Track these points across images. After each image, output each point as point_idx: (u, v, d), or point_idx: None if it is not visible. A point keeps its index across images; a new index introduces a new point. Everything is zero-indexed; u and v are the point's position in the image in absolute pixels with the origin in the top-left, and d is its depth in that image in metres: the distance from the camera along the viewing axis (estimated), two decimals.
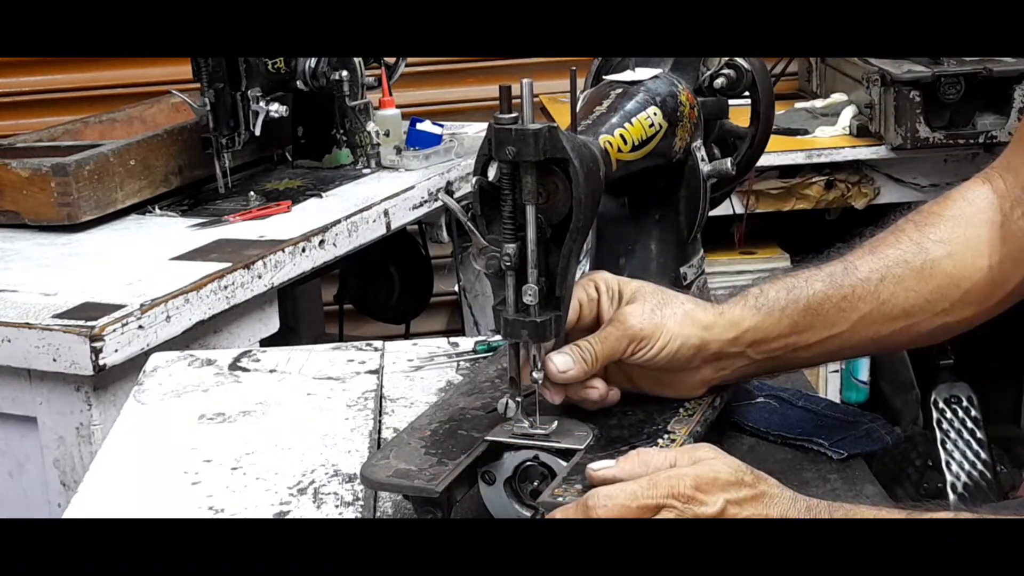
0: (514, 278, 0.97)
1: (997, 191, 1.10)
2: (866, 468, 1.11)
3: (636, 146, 1.13)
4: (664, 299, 1.06)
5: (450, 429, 1.05)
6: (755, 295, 1.07)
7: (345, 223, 2.13)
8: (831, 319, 1.06)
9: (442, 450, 1.01)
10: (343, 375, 1.37)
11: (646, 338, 1.03)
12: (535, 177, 0.95)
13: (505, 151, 0.94)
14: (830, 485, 1.07)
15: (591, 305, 1.07)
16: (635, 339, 1.03)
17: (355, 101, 2.46)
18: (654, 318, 1.04)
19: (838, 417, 1.18)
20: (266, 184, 2.39)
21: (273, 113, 2.32)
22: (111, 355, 1.64)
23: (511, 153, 0.94)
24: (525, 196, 0.95)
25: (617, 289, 1.07)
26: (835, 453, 1.11)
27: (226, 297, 1.84)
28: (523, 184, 0.95)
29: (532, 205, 0.95)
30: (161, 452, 1.19)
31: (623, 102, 1.14)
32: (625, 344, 1.03)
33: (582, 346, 1.02)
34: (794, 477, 1.08)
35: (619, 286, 1.07)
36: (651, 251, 1.26)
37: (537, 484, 0.99)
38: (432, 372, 1.38)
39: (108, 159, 2.16)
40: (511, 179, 0.95)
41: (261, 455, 1.18)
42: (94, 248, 2.05)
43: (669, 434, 1.02)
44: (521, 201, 0.95)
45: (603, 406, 1.05)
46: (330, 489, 1.10)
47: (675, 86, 1.20)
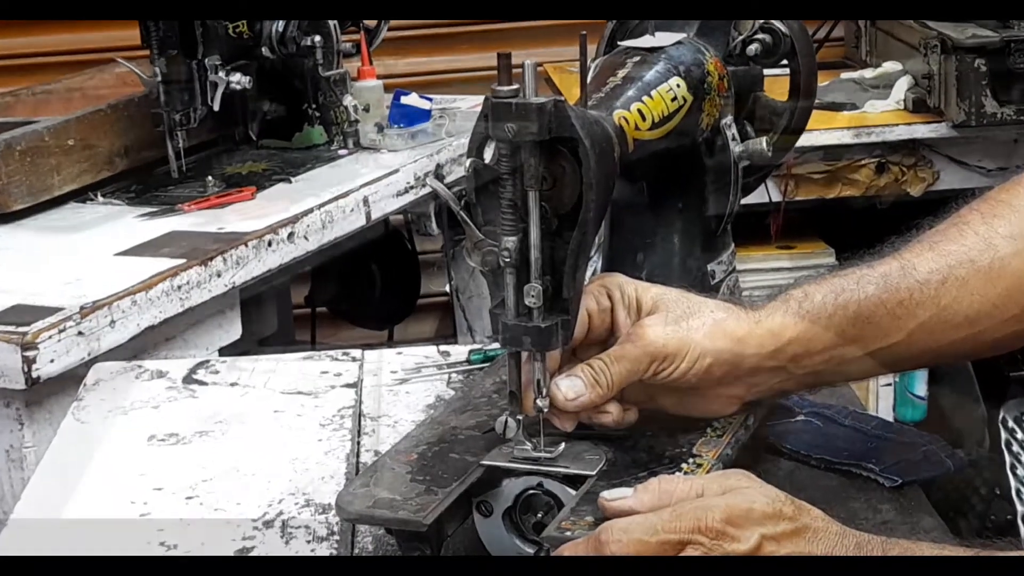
0: (514, 276, 0.97)
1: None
2: (924, 497, 1.11)
3: (656, 123, 1.13)
4: (690, 308, 1.06)
5: (440, 452, 1.05)
6: (798, 299, 1.07)
7: (318, 213, 2.13)
8: (885, 328, 1.06)
9: (431, 476, 1.00)
10: (316, 389, 1.37)
11: (670, 355, 1.03)
12: (539, 159, 0.95)
13: (504, 129, 0.94)
14: (882, 517, 1.07)
15: (603, 316, 1.06)
16: (657, 357, 1.03)
17: (329, 71, 2.46)
18: (679, 331, 1.04)
19: (891, 438, 1.19)
20: (226, 167, 2.39)
21: (234, 85, 2.32)
22: (46, 366, 1.64)
23: (511, 131, 0.94)
24: (527, 181, 0.95)
25: (634, 297, 1.07)
26: (888, 480, 1.12)
27: (180, 299, 1.84)
28: (525, 167, 0.95)
29: (535, 191, 0.95)
30: (104, 479, 1.19)
31: (641, 72, 1.14)
32: (646, 363, 1.03)
33: (595, 367, 1.02)
34: (841, 508, 1.08)
35: (636, 293, 1.07)
36: (674, 245, 1.26)
37: (541, 516, 0.99)
38: (419, 386, 1.38)
39: (43, 138, 2.16)
40: (511, 162, 0.95)
41: (220, 482, 1.17)
42: (26, 242, 2.05)
43: (695, 458, 1.02)
44: (523, 187, 0.95)
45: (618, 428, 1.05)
46: (301, 522, 1.10)
47: (701, 53, 1.20)
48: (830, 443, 1.17)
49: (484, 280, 1.00)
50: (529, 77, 0.95)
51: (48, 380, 1.66)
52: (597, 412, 1.03)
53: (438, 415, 1.12)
